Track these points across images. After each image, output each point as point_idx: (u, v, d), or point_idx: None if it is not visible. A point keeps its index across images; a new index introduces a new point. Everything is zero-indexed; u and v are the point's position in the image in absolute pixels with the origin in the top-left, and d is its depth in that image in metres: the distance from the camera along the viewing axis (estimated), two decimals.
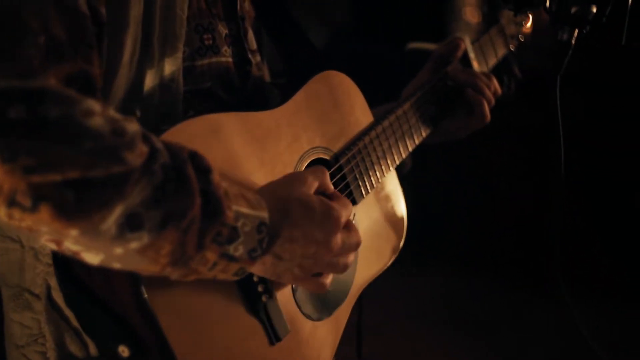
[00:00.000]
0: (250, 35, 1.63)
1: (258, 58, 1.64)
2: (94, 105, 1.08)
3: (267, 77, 1.71)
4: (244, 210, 1.24)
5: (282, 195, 1.34)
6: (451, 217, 5.00)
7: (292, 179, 1.39)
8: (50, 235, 1.09)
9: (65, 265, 1.30)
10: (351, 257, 1.41)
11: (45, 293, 1.42)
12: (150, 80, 1.39)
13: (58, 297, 1.39)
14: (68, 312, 1.37)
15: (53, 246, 1.12)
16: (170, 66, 1.40)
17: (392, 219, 1.75)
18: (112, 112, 1.10)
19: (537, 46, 2.18)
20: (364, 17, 4.69)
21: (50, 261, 1.38)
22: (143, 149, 1.11)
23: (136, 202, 1.09)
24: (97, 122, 1.07)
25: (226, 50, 1.54)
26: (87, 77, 1.15)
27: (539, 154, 4.28)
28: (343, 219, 1.37)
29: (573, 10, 1.83)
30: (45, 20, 1.13)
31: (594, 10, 1.82)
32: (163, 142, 1.16)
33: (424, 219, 1.85)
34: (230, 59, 1.55)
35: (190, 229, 1.15)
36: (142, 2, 1.35)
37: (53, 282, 1.39)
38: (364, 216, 1.67)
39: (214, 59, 1.50)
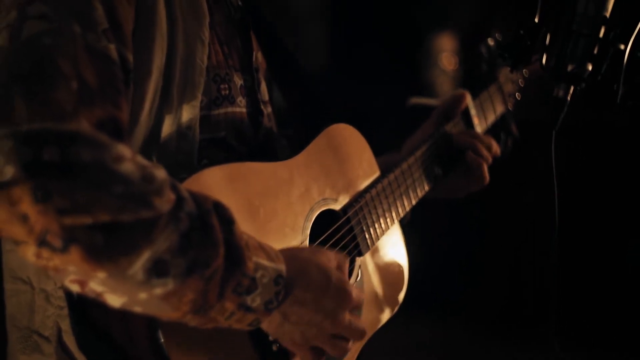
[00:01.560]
0: (263, 86, 1.68)
1: (269, 109, 1.68)
2: (125, 150, 1.12)
3: (275, 128, 1.75)
4: (263, 261, 1.27)
5: (302, 257, 1.38)
6: (443, 266, 5.02)
7: (315, 249, 1.44)
8: (76, 275, 1.12)
9: (81, 309, 1.31)
10: (350, 345, 1.44)
11: (56, 336, 1.42)
12: (168, 128, 1.42)
13: (69, 340, 1.40)
14: (79, 356, 1.38)
15: (76, 287, 1.14)
16: (188, 114, 1.44)
17: (394, 269, 1.78)
18: (141, 158, 1.14)
19: (532, 98, 2.23)
20: (341, 61, 4.75)
21: (62, 304, 1.39)
22: (171, 196, 1.14)
23: (163, 248, 1.12)
24: (127, 167, 1.10)
25: (241, 100, 1.58)
26: (116, 122, 1.19)
27: (535, 204, 4.31)
28: (355, 300, 1.40)
29: (569, 68, 1.87)
30: (77, 66, 1.17)
31: (590, 68, 1.87)
32: (188, 191, 1.19)
33: (416, 268, 1.88)
34: (244, 109, 1.59)
35: (213, 278, 1.18)
36: (165, 51, 1.39)
37: (64, 325, 1.40)
38: (368, 267, 1.70)
39: (229, 109, 1.54)
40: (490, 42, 2.26)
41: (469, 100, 2.05)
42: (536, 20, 1.92)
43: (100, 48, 1.21)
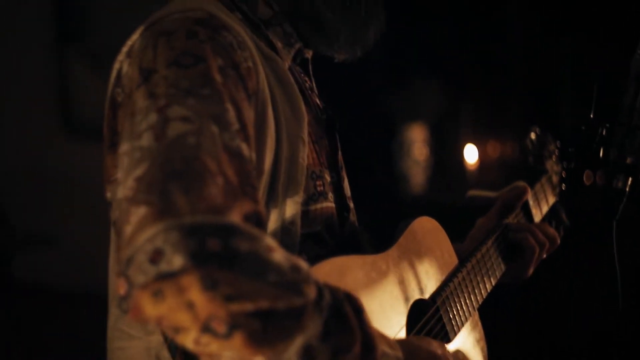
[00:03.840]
0: (346, 182, 1.75)
1: (351, 204, 1.75)
2: (272, 242, 1.19)
3: (357, 222, 1.81)
4: (386, 349, 1.32)
5: (414, 344, 1.45)
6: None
7: (423, 338, 1.51)
8: None
9: None
10: None
11: None
12: (273, 223, 1.49)
13: None
14: None
15: None
16: (291, 210, 1.51)
17: (477, 353, 1.84)
18: (284, 250, 1.20)
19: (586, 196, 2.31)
20: None
21: None
22: (314, 285, 1.20)
23: (311, 334, 1.17)
24: (278, 257, 1.17)
25: (331, 196, 1.65)
26: (258, 215, 1.24)
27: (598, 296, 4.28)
28: None
29: (628, 160, 1.98)
30: (220, 163, 1.24)
31: None
32: (322, 282, 1.24)
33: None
34: (333, 205, 1.66)
35: None
36: (273, 152, 1.47)
37: None
38: (453, 353, 1.74)
39: (324, 204, 1.62)
40: (533, 136, 2.37)
41: (528, 191, 2.15)
42: (592, 115, 2.03)
43: (235, 147, 1.28)
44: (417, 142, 4.63)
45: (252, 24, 1.58)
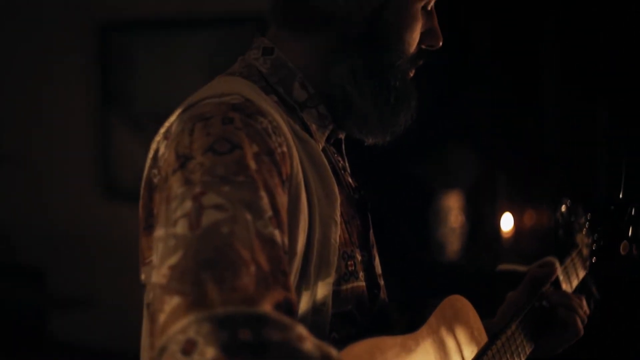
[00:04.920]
0: (377, 260, 1.78)
1: (382, 282, 1.77)
2: (303, 330, 1.19)
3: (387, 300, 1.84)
4: None
5: None
6: None
7: None
8: None
9: None
10: None
11: None
12: (304, 304, 1.51)
13: None
14: None
15: None
16: (322, 291, 1.53)
17: None
18: (315, 337, 1.21)
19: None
20: None
21: None
22: None
23: None
24: (308, 346, 1.16)
25: (362, 275, 1.67)
26: (289, 303, 1.25)
27: None
28: None
29: None
30: (253, 252, 1.24)
31: None
32: None
33: None
34: (364, 283, 1.68)
35: None
36: (306, 233, 1.50)
37: None
38: None
39: (355, 284, 1.63)
40: (564, 208, 2.39)
41: (557, 266, 2.16)
42: (621, 195, 2.06)
43: (268, 234, 1.30)
44: (453, 212, 4.65)
45: (288, 107, 1.62)
